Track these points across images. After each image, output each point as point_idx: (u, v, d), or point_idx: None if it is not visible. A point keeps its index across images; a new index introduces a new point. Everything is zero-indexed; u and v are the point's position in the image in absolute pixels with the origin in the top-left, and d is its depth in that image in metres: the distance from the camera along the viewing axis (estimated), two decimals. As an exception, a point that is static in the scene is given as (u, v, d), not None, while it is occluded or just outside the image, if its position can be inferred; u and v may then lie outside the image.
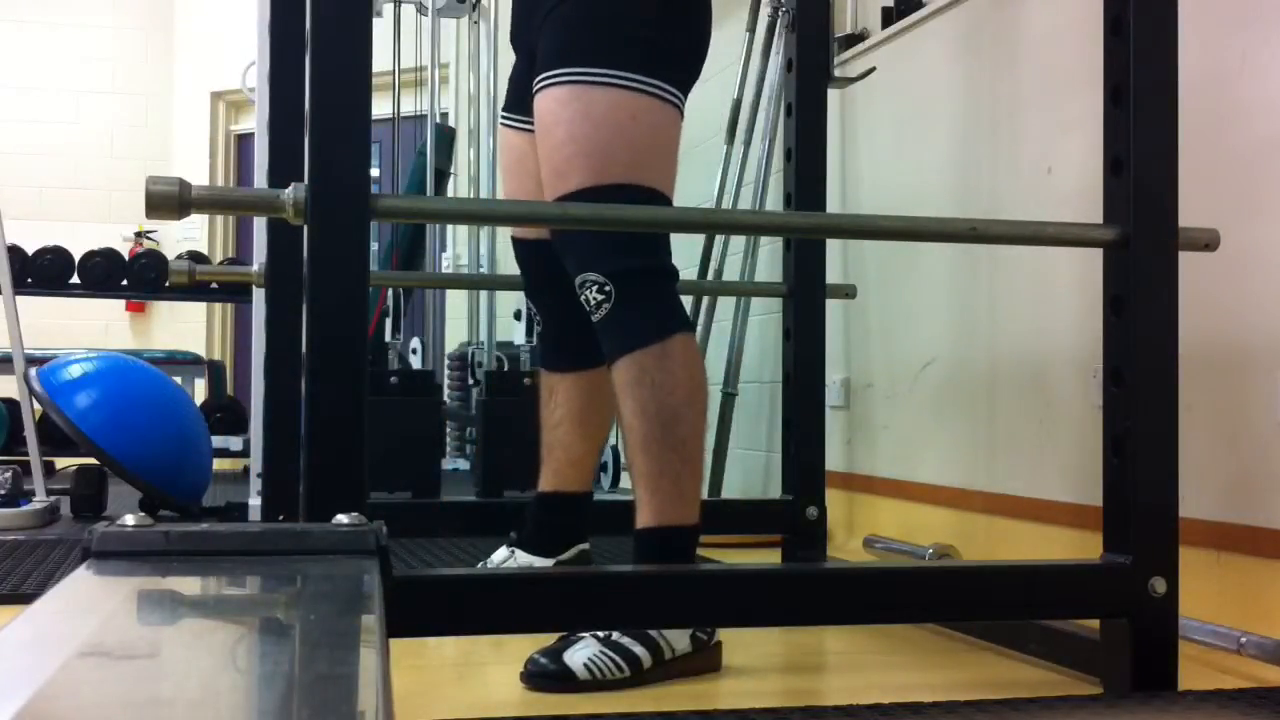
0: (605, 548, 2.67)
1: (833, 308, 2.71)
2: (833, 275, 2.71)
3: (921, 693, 1.53)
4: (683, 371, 1.80)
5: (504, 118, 2.10)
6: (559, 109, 1.82)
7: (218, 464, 4.70)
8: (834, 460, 3.05)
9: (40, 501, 3.52)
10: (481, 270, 5.06)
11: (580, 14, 1.85)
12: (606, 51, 1.82)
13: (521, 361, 4.64)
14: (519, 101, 2.03)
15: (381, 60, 2.26)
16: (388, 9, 4.90)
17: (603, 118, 1.80)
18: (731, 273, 3.66)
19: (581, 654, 1.71)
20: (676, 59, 1.89)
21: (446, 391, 5.19)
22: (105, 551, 0.93)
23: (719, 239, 3.63)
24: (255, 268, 2.78)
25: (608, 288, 1.78)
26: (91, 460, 3.59)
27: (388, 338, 4.81)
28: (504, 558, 2.17)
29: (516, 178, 2.07)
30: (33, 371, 3.54)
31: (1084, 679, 1.74)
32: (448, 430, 5.28)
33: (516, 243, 2.12)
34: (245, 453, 4.62)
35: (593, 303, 1.80)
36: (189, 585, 0.92)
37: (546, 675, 1.70)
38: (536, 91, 1.87)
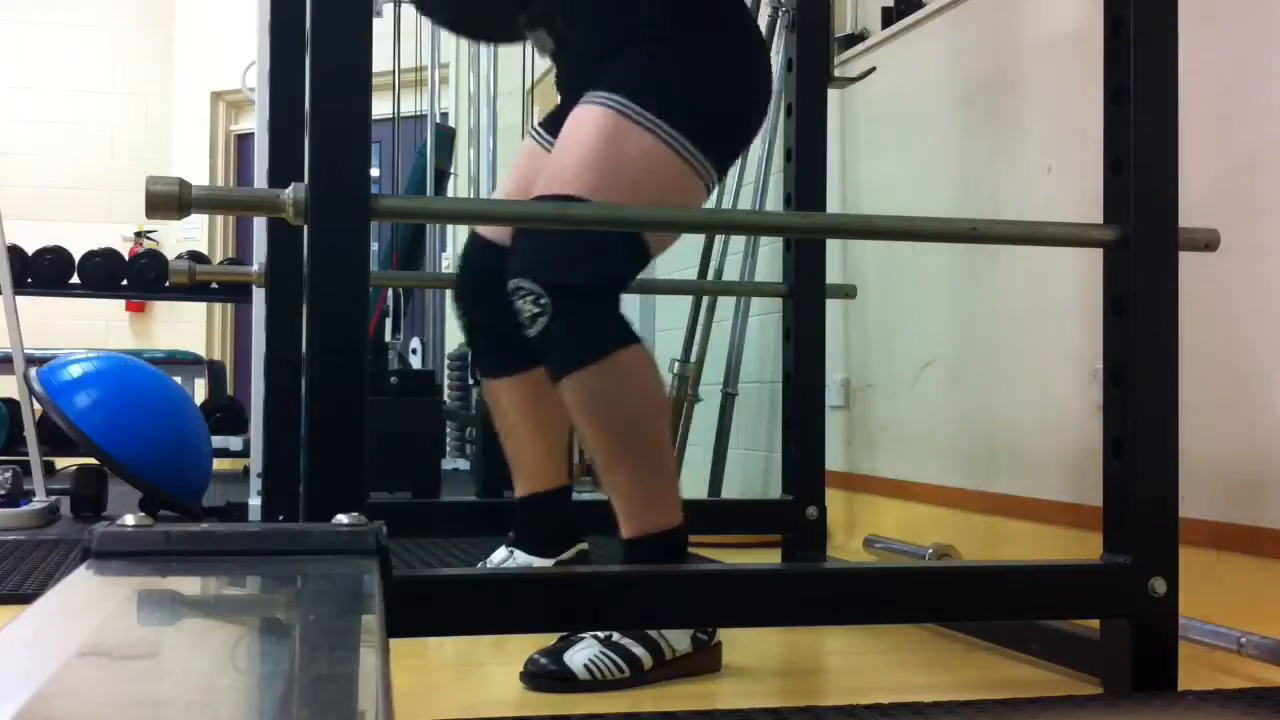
0: (605, 548, 2.67)
1: (833, 308, 2.71)
2: (833, 275, 2.71)
3: (921, 693, 1.53)
4: (635, 383, 1.77)
5: (535, 132, 2.09)
6: (594, 126, 1.79)
7: (218, 464, 4.70)
8: (834, 460, 3.05)
9: (40, 501, 3.53)
10: (481, 270, 5.05)
11: (659, 60, 1.83)
12: (668, 106, 1.79)
13: (521, 361, 4.63)
14: (554, 124, 1.99)
15: (381, 60, 2.26)
16: (388, 9, 4.91)
17: (630, 156, 1.77)
18: (731, 273, 3.65)
19: (582, 655, 1.71)
20: (726, 139, 1.88)
21: (446, 391, 5.19)
22: (105, 551, 0.93)
23: (719, 239, 3.63)
24: (255, 268, 2.78)
25: (543, 300, 1.71)
26: (91, 460, 3.59)
27: (388, 338, 4.81)
28: (503, 558, 2.16)
29: (515, 183, 2.06)
30: (33, 371, 3.54)
31: (1084, 679, 1.74)
32: (448, 430, 5.28)
33: (477, 241, 2.06)
34: (245, 453, 4.62)
35: (526, 314, 1.73)
36: (189, 585, 0.92)
37: (546, 676, 1.70)
38: (583, 101, 1.83)
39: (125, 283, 5.94)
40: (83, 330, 7.21)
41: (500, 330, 1.95)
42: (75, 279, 5.86)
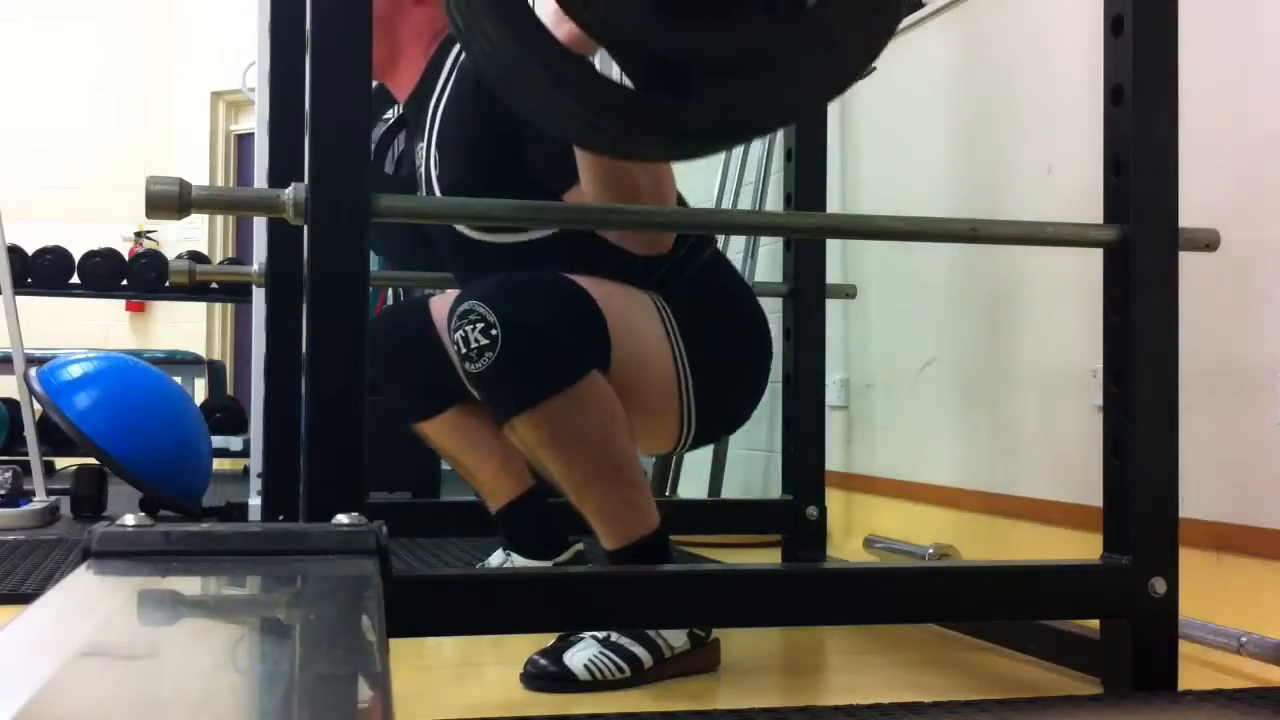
0: (601, 547, 2.66)
1: (833, 308, 2.71)
2: (833, 275, 2.71)
3: (921, 693, 1.53)
4: (596, 410, 1.70)
5: None
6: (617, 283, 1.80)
7: (218, 464, 4.70)
8: (834, 460, 3.05)
9: (40, 501, 3.53)
10: (481, 270, 5.04)
11: (694, 302, 1.86)
12: (689, 331, 1.82)
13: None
14: None
15: (381, 60, 2.26)
16: (388, 9, 4.89)
17: (648, 333, 1.79)
18: (731, 273, 3.65)
19: (581, 655, 1.71)
20: (712, 426, 1.90)
21: (446, 391, 5.18)
22: (105, 551, 0.93)
23: (719, 239, 3.62)
24: (255, 268, 2.78)
25: (493, 332, 1.63)
26: (91, 460, 3.59)
27: (388, 338, 4.80)
28: (500, 561, 2.17)
29: None
30: (33, 371, 3.54)
31: (1084, 679, 1.74)
32: (448, 430, 5.28)
33: (425, 309, 2.06)
34: (245, 453, 4.62)
35: (472, 345, 1.64)
36: (189, 585, 0.92)
37: (546, 676, 1.70)
38: None
39: (125, 283, 5.94)
40: (83, 330, 7.20)
41: (425, 377, 2.04)
42: (75, 279, 5.86)
